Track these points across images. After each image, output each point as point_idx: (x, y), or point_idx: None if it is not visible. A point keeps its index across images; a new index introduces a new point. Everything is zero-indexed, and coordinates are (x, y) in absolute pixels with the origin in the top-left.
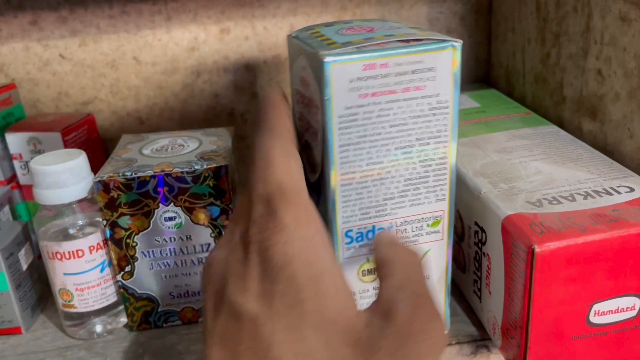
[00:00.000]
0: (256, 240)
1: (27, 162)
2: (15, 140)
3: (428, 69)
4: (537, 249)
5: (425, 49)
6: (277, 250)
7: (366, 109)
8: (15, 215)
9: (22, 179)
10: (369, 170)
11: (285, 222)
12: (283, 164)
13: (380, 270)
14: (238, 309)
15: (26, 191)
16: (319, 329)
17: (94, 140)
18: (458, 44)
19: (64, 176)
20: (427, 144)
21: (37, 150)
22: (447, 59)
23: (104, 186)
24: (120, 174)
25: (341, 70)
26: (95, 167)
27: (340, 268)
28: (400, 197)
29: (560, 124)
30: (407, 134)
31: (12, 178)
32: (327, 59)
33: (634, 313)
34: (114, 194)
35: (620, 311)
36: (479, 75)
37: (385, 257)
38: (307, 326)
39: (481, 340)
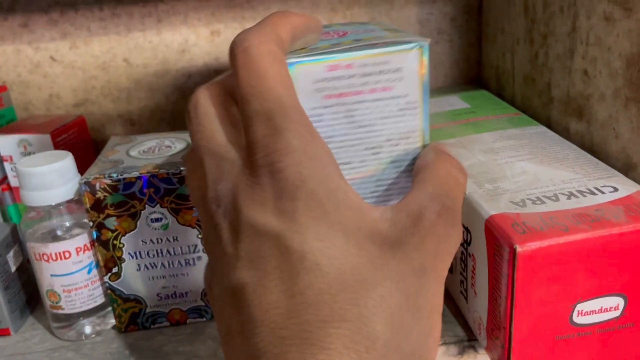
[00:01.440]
0: (265, 164)
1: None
2: (5, 143)
3: (395, 69)
4: (519, 249)
5: (391, 50)
6: (291, 171)
7: (333, 109)
8: (6, 217)
9: (13, 181)
10: None
11: (293, 144)
12: (277, 74)
13: (418, 172)
14: (260, 229)
15: (17, 193)
16: (346, 234)
17: (85, 142)
18: (425, 43)
19: (50, 177)
20: (397, 145)
21: (27, 152)
22: (414, 60)
23: (90, 187)
24: (106, 175)
25: (305, 72)
26: (85, 168)
27: (349, 185)
28: (371, 198)
29: (549, 125)
30: (376, 135)
31: (3, 180)
32: (290, 61)
33: (617, 313)
34: (100, 195)
35: (604, 311)
36: (470, 75)
37: (430, 162)
38: (335, 234)
39: (468, 340)
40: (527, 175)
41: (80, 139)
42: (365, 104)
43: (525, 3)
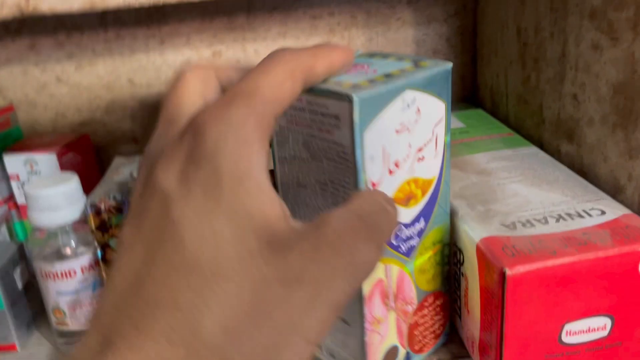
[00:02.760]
0: (196, 124)
1: (24, 183)
2: (12, 161)
3: (334, 116)
4: (508, 272)
5: (328, 95)
6: (211, 138)
7: (293, 134)
8: (12, 234)
9: (20, 199)
10: (298, 189)
11: (230, 118)
12: (277, 78)
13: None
14: (157, 186)
15: (23, 210)
16: (231, 219)
17: (89, 159)
18: (358, 97)
19: (57, 200)
20: (337, 189)
21: (33, 171)
22: (346, 111)
23: (96, 209)
24: (111, 197)
25: None
26: (90, 186)
27: (269, 181)
28: None
29: (541, 145)
30: (322, 172)
31: (10, 198)
32: None
33: (605, 333)
34: (105, 216)
35: (592, 331)
36: (466, 94)
37: (360, 192)
38: (219, 213)
39: (461, 357)
40: (518, 197)
41: (85, 157)
42: (316, 140)
43: (517, 27)
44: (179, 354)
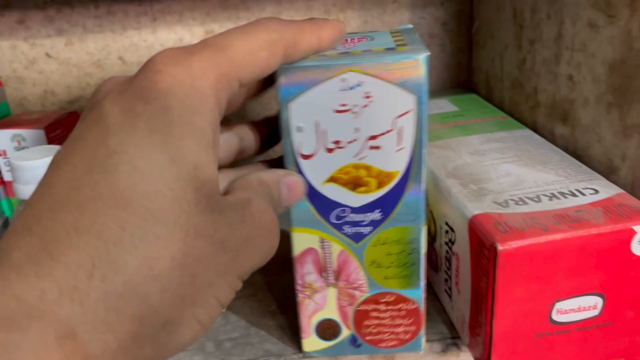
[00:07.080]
0: (152, 63)
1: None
2: None
3: None
4: (500, 247)
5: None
6: (166, 79)
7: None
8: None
9: (7, 176)
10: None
11: (193, 67)
12: (254, 45)
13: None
14: (101, 115)
15: (10, 187)
16: (174, 161)
17: None
18: (281, 67)
19: (44, 171)
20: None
21: (21, 147)
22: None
23: None
24: None
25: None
26: None
27: (214, 141)
28: None
29: (535, 128)
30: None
31: None
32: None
33: (596, 312)
34: None
35: (582, 310)
36: (461, 80)
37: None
38: (162, 153)
39: (451, 338)
40: (511, 176)
41: None
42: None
43: (514, 9)
44: (97, 288)
